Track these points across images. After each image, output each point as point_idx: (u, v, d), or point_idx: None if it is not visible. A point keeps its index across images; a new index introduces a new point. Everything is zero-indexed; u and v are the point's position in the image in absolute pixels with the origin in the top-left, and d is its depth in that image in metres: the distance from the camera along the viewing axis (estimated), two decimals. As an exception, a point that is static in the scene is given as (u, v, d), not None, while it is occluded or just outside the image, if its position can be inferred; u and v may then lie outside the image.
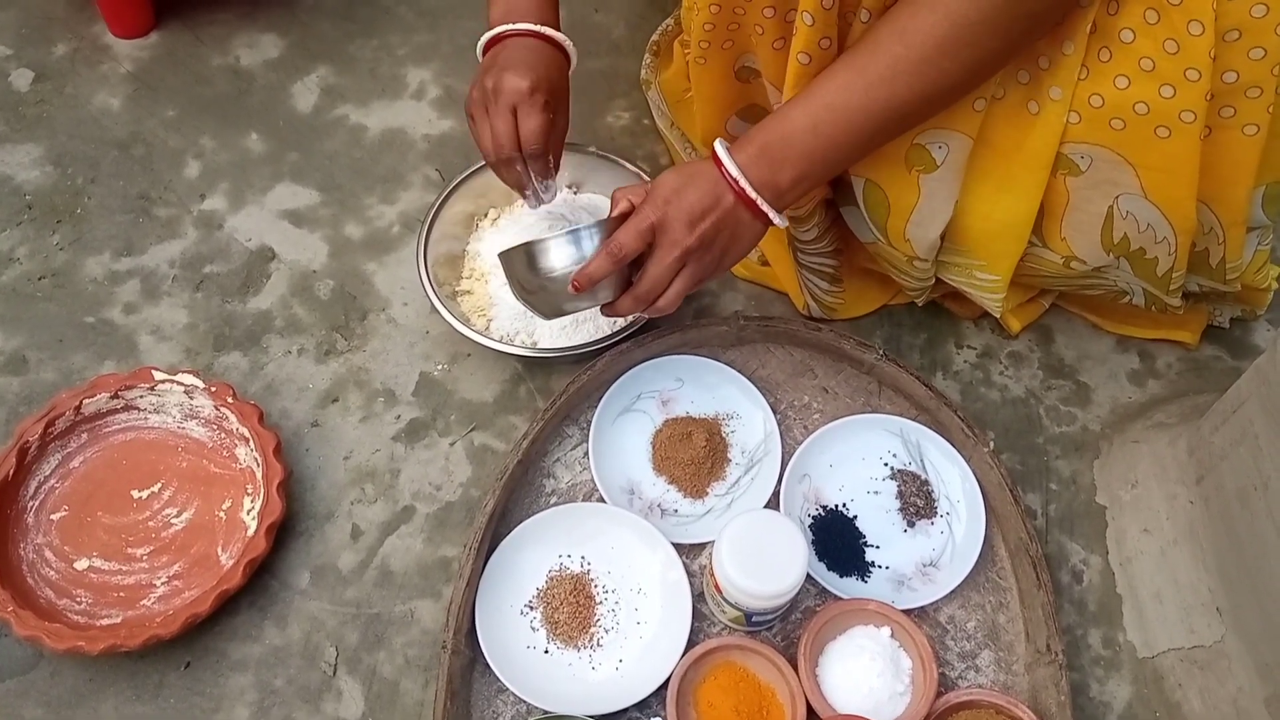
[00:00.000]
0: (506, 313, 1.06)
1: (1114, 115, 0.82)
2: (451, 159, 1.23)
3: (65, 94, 1.27)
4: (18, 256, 1.14)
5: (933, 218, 0.93)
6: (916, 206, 0.92)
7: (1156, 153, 0.83)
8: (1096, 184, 0.88)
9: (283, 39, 1.33)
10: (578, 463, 1.00)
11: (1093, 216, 0.90)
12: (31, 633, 0.84)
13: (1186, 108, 0.79)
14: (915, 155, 0.89)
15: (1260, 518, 0.81)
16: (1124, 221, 0.89)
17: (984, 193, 0.91)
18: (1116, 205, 0.88)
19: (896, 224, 0.94)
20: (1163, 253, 0.91)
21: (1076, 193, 0.89)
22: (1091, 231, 0.91)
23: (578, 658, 0.90)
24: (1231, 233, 0.90)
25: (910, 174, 0.90)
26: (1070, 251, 0.94)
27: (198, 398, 0.97)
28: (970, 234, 0.94)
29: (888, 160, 0.90)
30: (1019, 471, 1.02)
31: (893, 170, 0.91)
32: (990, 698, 0.86)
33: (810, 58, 0.86)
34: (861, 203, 0.96)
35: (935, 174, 0.90)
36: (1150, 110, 0.80)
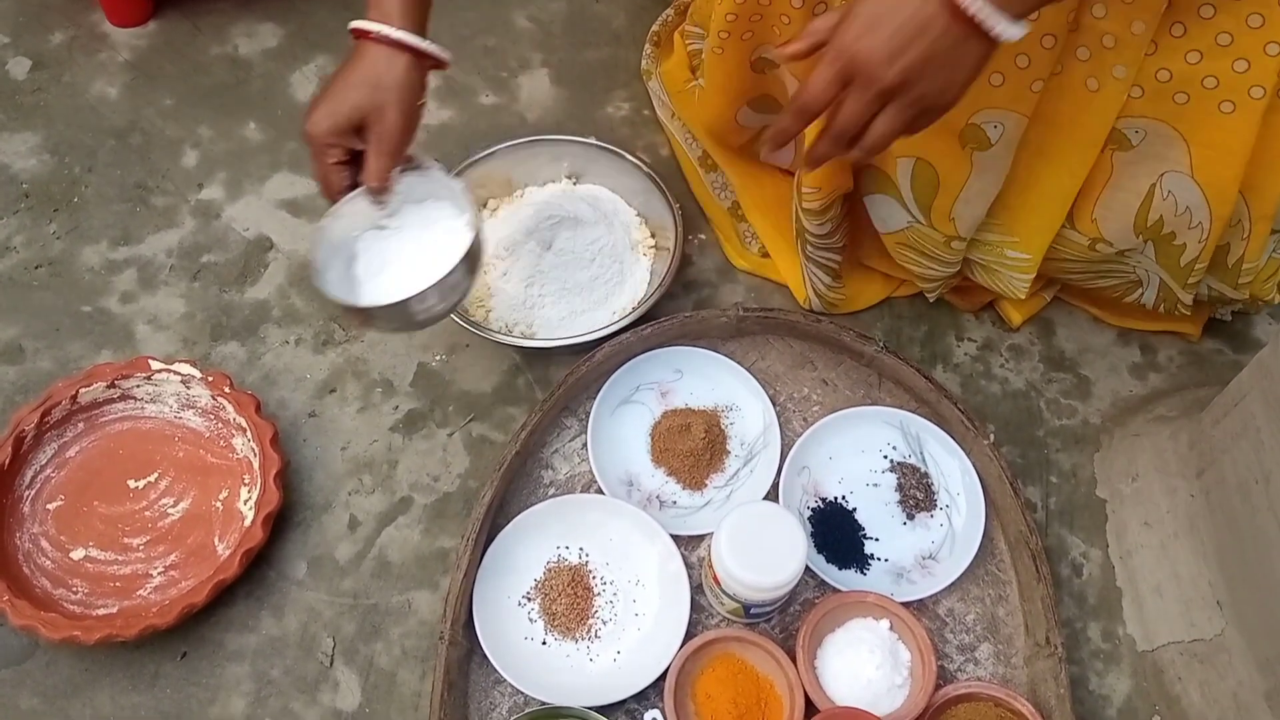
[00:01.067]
0: (505, 303, 1.05)
1: (1179, 89, 0.81)
2: (450, 149, 1.22)
3: (62, 83, 1.27)
4: (14, 245, 1.14)
5: (982, 194, 0.92)
6: (967, 183, 0.91)
7: (1215, 128, 0.82)
8: (1144, 159, 0.86)
9: (281, 28, 1.33)
10: (576, 454, 1.00)
11: (1132, 195, 0.89)
12: (27, 622, 0.84)
13: (1258, 82, 0.78)
14: (970, 133, 0.88)
15: (1261, 511, 0.81)
16: (1163, 202, 0.88)
17: (1033, 166, 0.90)
18: (1160, 184, 0.87)
19: (944, 202, 0.93)
20: (1193, 239, 0.90)
21: (1121, 168, 0.88)
22: (1126, 212, 0.90)
23: (575, 649, 0.90)
24: (1258, 227, 0.89)
25: (964, 150, 0.89)
26: (1099, 233, 0.93)
27: (195, 387, 0.97)
28: (1011, 209, 0.93)
29: (941, 138, 0.89)
30: (1019, 464, 1.02)
31: (946, 147, 0.89)
32: (989, 690, 0.86)
33: None
34: (909, 183, 0.94)
35: (990, 151, 0.88)
36: (1219, 84, 0.79)
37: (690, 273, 1.13)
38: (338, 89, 0.81)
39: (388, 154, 0.81)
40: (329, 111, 0.81)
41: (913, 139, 0.89)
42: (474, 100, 1.27)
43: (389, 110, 0.80)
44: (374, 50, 0.81)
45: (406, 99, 0.81)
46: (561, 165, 1.15)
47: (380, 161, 0.81)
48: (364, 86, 0.80)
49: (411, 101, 0.81)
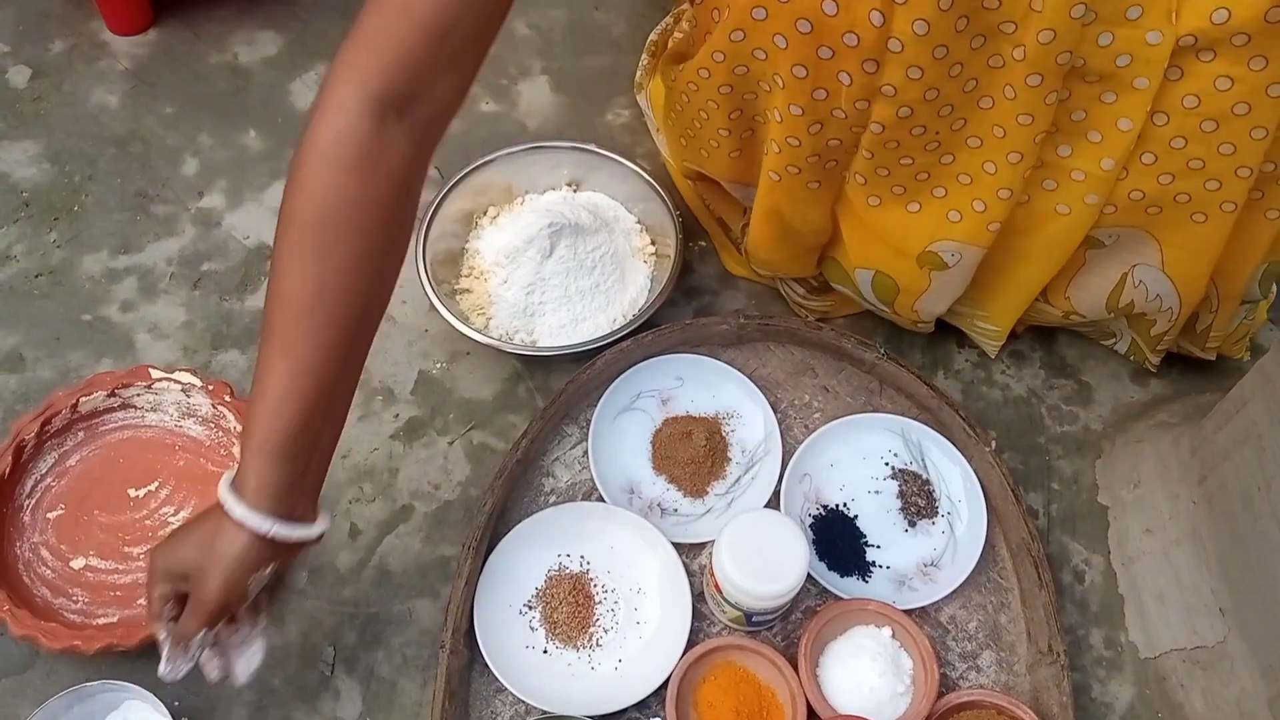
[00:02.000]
0: (506, 311, 1.05)
1: (1152, 204, 0.83)
2: (450, 157, 1.22)
3: (63, 91, 1.27)
4: (15, 254, 1.14)
5: (943, 299, 0.95)
6: (927, 291, 0.94)
7: (1187, 235, 0.84)
8: (1116, 254, 0.89)
9: (281, 36, 1.33)
10: (577, 462, 0.99)
11: (1104, 281, 0.92)
12: (27, 632, 0.84)
13: (1229, 199, 0.79)
14: (927, 258, 0.90)
15: (1264, 518, 0.80)
16: (1134, 289, 0.91)
17: (1005, 263, 0.92)
18: (1131, 274, 0.90)
19: (905, 301, 0.96)
20: (1163, 319, 0.93)
21: (1094, 262, 0.91)
22: (1098, 294, 0.93)
23: (577, 657, 0.90)
24: (1225, 305, 0.92)
25: (922, 270, 0.91)
26: (1071, 309, 0.96)
27: (195, 396, 0.97)
28: (982, 288, 0.96)
29: (899, 258, 0.91)
30: (1020, 471, 1.02)
31: (904, 267, 0.92)
32: (992, 698, 0.86)
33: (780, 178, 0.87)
34: (869, 289, 0.97)
35: (948, 271, 0.91)
36: (1192, 199, 0.81)
37: (691, 280, 1.13)
38: (182, 533, 0.75)
39: (196, 618, 0.73)
40: (165, 552, 0.74)
41: (870, 256, 0.93)
42: (474, 108, 1.27)
43: (210, 577, 0.71)
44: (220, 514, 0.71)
45: (234, 571, 0.71)
46: (562, 172, 1.15)
47: (188, 622, 0.74)
48: (196, 544, 0.72)
49: (241, 574, 0.71)
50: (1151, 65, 0.74)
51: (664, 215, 1.09)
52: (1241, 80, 0.72)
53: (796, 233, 0.95)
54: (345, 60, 0.68)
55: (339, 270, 0.68)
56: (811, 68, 0.77)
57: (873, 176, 0.86)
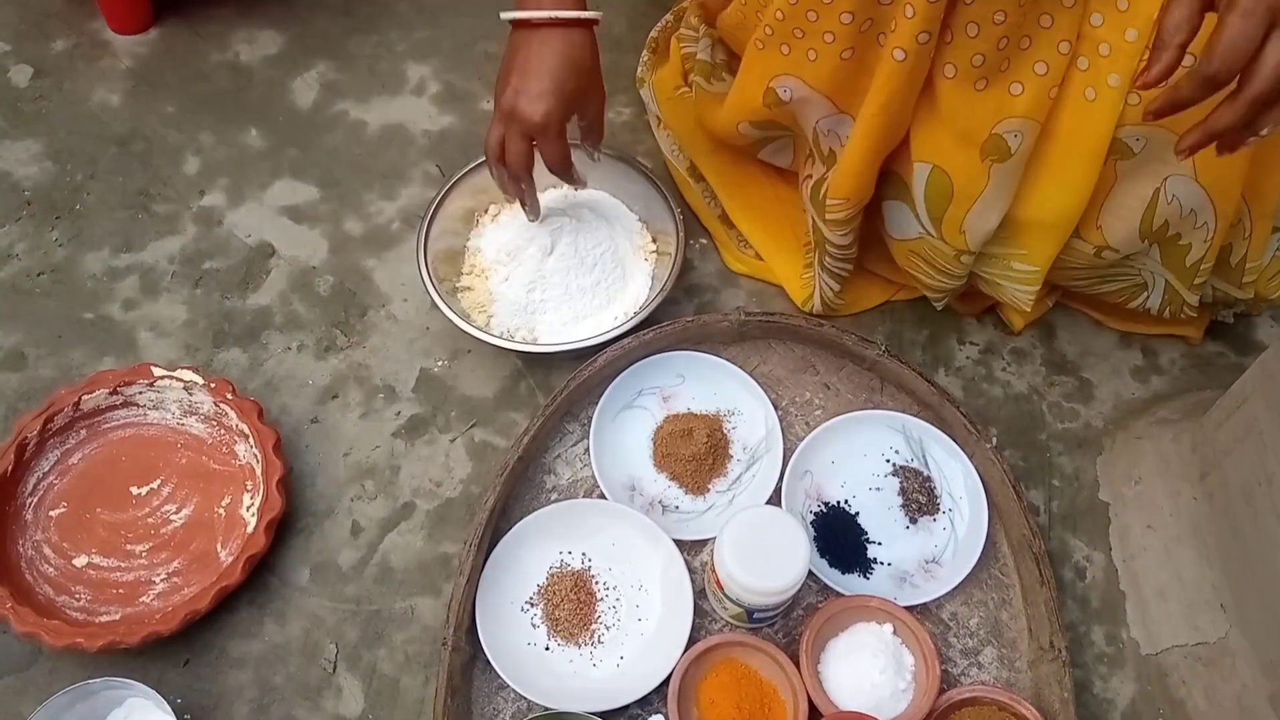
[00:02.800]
0: (506, 309, 1.05)
1: None
2: (452, 155, 1.22)
3: (64, 90, 1.27)
4: (16, 253, 1.14)
5: (994, 207, 0.92)
6: (981, 195, 0.91)
7: None
8: (1146, 164, 0.87)
9: (282, 35, 1.33)
10: (578, 459, 1.00)
11: (1136, 200, 0.89)
12: (30, 629, 0.84)
13: None
14: (992, 145, 0.88)
15: (1265, 514, 0.81)
16: (1167, 206, 0.88)
17: (1041, 181, 0.90)
18: (1164, 188, 0.87)
19: (956, 213, 0.93)
20: (1198, 239, 0.91)
21: (1124, 175, 0.88)
22: (1131, 217, 0.90)
23: (579, 655, 0.90)
24: (1259, 226, 0.90)
25: (984, 164, 0.89)
26: (1104, 240, 0.93)
27: (197, 394, 0.97)
28: (1018, 222, 0.93)
29: (962, 149, 0.89)
30: (1021, 468, 1.02)
31: (966, 159, 0.89)
32: (993, 695, 0.86)
33: (906, 54, 0.84)
34: (922, 192, 0.94)
35: (1008, 163, 0.89)
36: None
37: (692, 277, 1.13)
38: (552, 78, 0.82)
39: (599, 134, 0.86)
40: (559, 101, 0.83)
41: (934, 147, 0.90)
42: (476, 106, 1.27)
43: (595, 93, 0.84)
44: (558, 35, 0.81)
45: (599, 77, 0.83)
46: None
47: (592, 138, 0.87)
48: (571, 72, 0.82)
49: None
50: None
51: (665, 213, 1.09)
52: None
53: (892, 137, 0.92)
54: None
55: None
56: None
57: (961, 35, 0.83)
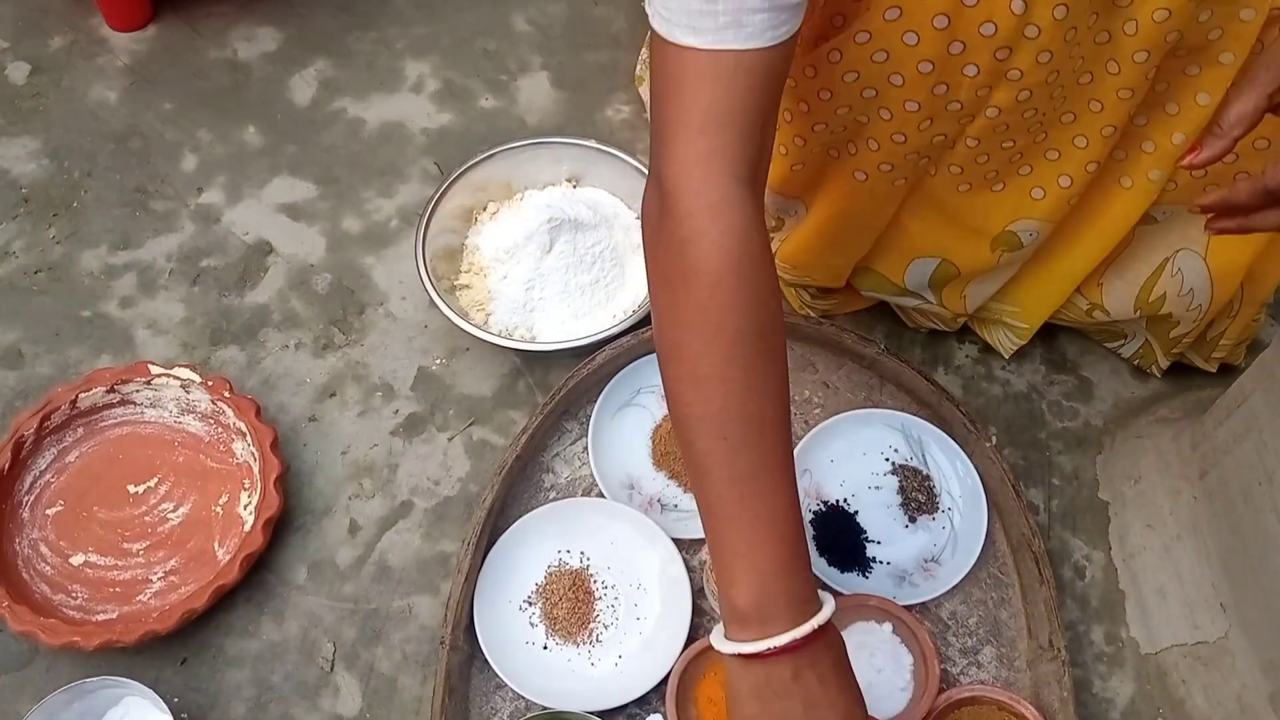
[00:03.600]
0: (505, 307, 1.05)
1: (1212, 183, 0.83)
2: (450, 152, 1.22)
3: (62, 87, 1.26)
4: (14, 250, 1.13)
5: (999, 280, 0.95)
6: (987, 276, 0.94)
7: None
8: (1165, 234, 0.89)
9: (280, 32, 1.33)
10: (577, 458, 0.99)
11: (1145, 265, 0.91)
12: (27, 628, 0.84)
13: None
14: (1004, 239, 0.89)
15: (1265, 513, 0.80)
16: (1171, 279, 0.90)
17: (1054, 249, 0.92)
18: (1173, 259, 0.90)
19: (956, 289, 0.96)
20: (1188, 319, 0.93)
21: (1140, 241, 0.90)
22: (1134, 280, 0.93)
23: (577, 654, 0.90)
24: (1245, 310, 0.92)
25: (994, 254, 0.91)
26: (1100, 300, 0.95)
27: (194, 392, 0.97)
28: (1021, 283, 0.96)
29: (972, 243, 0.90)
30: (1021, 467, 1.02)
31: (975, 251, 0.91)
32: (992, 694, 0.86)
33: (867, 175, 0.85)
34: (925, 279, 0.96)
35: (1018, 252, 0.90)
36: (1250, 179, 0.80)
37: (691, 275, 1.13)
38: None
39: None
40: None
41: (939, 244, 0.91)
42: (473, 103, 1.27)
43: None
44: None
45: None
46: (561, 168, 1.14)
47: None
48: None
49: None
50: (1240, 40, 0.74)
51: (664, 211, 1.08)
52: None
53: (853, 237, 0.94)
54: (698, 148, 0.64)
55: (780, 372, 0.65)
56: (939, 63, 0.75)
57: (970, 164, 0.84)
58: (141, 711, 0.84)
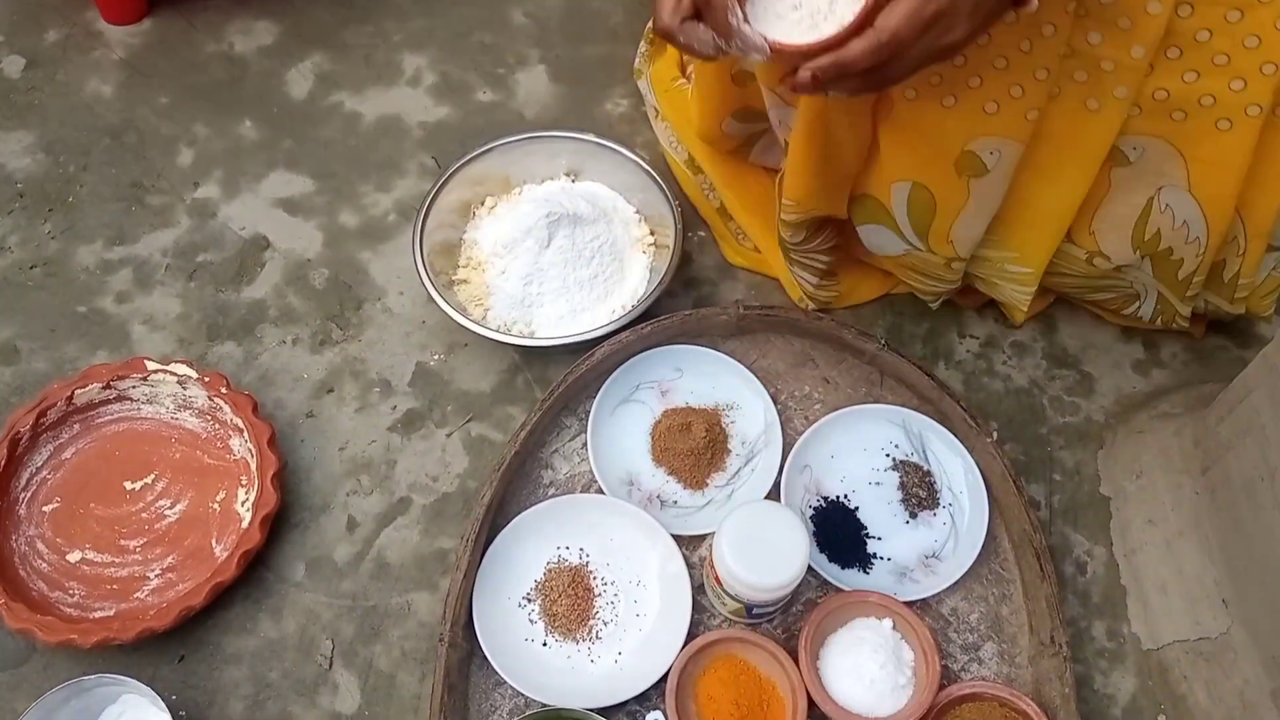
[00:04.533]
0: (503, 302, 1.05)
1: (1177, 108, 0.81)
2: (448, 146, 1.22)
3: (57, 81, 1.26)
4: (9, 245, 1.13)
5: (980, 216, 0.92)
6: (964, 207, 0.91)
7: (1212, 145, 0.82)
8: (1142, 174, 0.87)
9: (277, 25, 1.32)
10: (576, 454, 0.99)
11: (1130, 209, 0.89)
12: (23, 626, 0.84)
13: (1254, 101, 0.78)
14: (966, 161, 0.87)
15: (1267, 509, 0.80)
16: (1161, 215, 0.88)
17: (1032, 184, 0.90)
18: (1158, 198, 0.87)
19: (941, 225, 0.93)
20: (1190, 254, 0.90)
21: (1119, 183, 0.88)
22: (1124, 225, 0.90)
23: (576, 650, 0.90)
24: (1253, 244, 0.89)
25: (961, 178, 0.89)
26: (1096, 247, 0.93)
27: (191, 388, 0.96)
28: (1010, 225, 0.93)
29: (937, 164, 0.89)
30: (1022, 462, 1.01)
31: (942, 174, 0.89)
32: (994, 690, 0.85)
33: None
34: (905, 210, 0.94)
35: (987, 177, 0.88)
36: (1216, 102, 0.79)
37: (690, 270, 1.13)
38: None
39: None
40: None
41: (908, 165, 0.89)
42: (471, 97, 1.26)
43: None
44: None
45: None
46: (560, 162, 1.14)
47: None
48: None
49: None
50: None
51: (663, 205, 1.08)
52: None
53: (838, 149, 0.92)
54: None
55: None
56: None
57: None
58: (139, 709, 0.83)
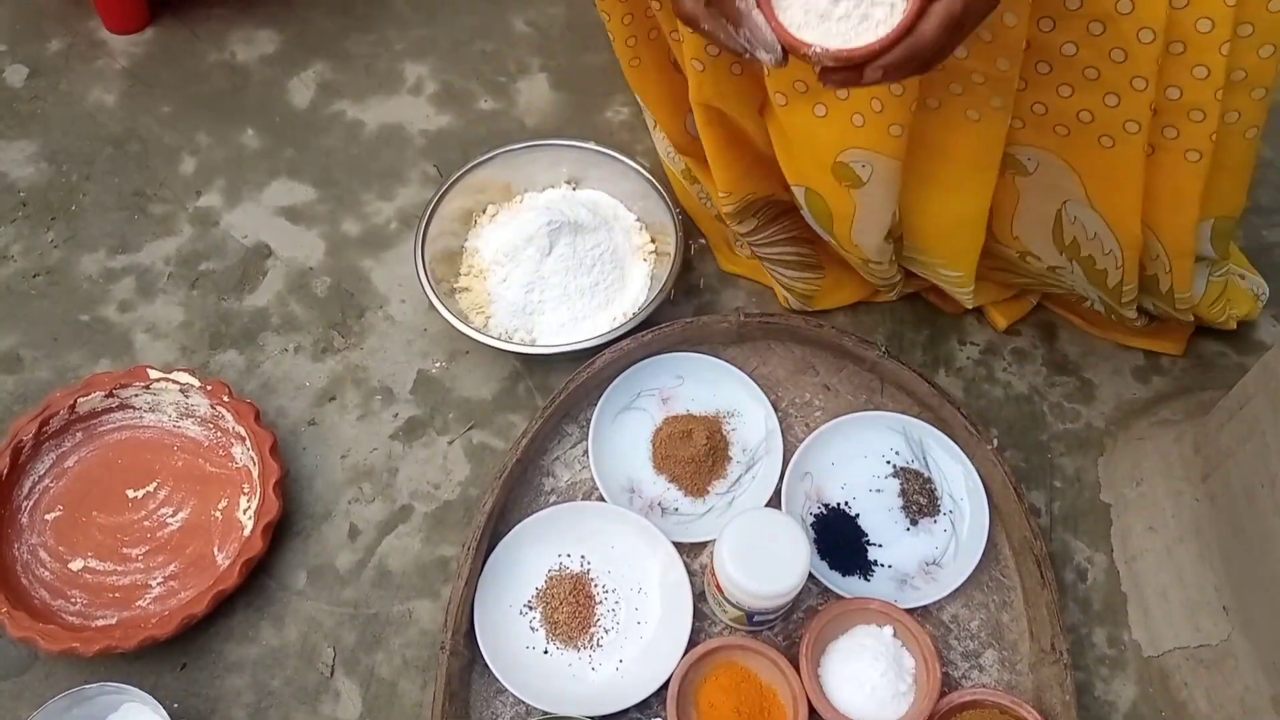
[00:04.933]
0: (505, 310, 1.05)
1: (1057, 122, 0.82)
2: (449, 155, 1.22)
3: (60, 90, 1.26)
4: (12, 254, 1.13)
5: (871, 226, 0.92)
6: (855, 215, 0.92)
7: (1100, 161, 0.82)
8: (1044, 186, 0.87)
9: (279, 34, 1.32)
10: (577, 461, 0.99)
11: (1043, 217, 0.90)
12: (26, 634, 0.84)
13: (1131, 117, 0.78)
14: (841, 171, 0.88)
15: (1267, 515, 0.80)
16: (1072, 226, 0.89)
17: (930, 194, 0.90)
18: (1064, 209, 0.88)
19: (841, 229, 0.94)
20: (1110, 265, 0.91)
21: (1026, 193, 0.89)
22: (1043, 230, 0.91)
23: (577, 658, 0.90)
24: (1177, 264, 0.89)
25: (841, 186, 0.89)
26: (1025, 248, 0.94)
27: (193, 396, 0.97)
28: (923, 233, 0.94)
29: (819, 171, 0.89)
30: (1023, 469, 1.01)
31: (825, 182, 0.90)
32: (994, 697, 0.85)
33: (704, 65, 0.85)
34: (806, 209, 0.95)
35: (864, 189, 0.89)
36: (1094, 119, 0.79)
37: (691, 278, 1.13)
38: None
39: None
40: None
41: (794, 170, 0.90)
42: (473, 105, 1.27)
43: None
44: None
45: None
46: (561, 170, 1.14)
47: None
48: None
49: None
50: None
51: (664, 213, 1.08)
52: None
53: (740, 132, 0.93)
54: None
55: None
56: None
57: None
58: (141, 717, 0.83)
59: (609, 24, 0.96)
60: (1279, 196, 1.20)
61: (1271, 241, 1.16)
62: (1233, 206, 0.87)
